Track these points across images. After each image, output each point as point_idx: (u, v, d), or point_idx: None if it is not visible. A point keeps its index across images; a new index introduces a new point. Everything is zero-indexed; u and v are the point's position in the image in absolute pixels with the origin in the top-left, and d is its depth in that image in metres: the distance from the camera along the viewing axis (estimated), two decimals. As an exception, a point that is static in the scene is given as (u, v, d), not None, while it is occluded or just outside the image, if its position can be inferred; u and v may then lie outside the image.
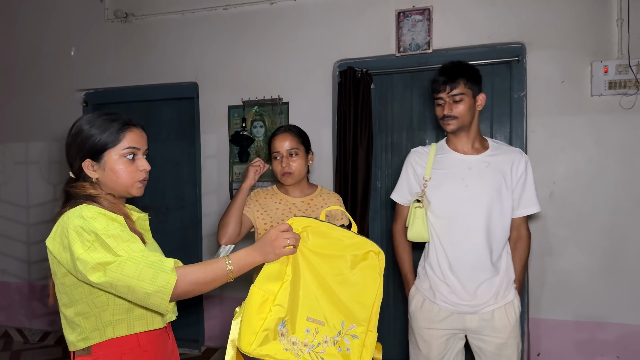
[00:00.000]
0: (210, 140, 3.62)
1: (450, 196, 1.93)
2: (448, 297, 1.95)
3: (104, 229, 1.23)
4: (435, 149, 2.04)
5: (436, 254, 1.98)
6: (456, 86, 1.91)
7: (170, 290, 1.20)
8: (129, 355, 1.32)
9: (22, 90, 4.09)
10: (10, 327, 4.17)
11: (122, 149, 1.36)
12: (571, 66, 2.88)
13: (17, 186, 4.13)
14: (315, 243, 1.39)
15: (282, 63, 3.42)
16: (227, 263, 1.28)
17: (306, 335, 1.34)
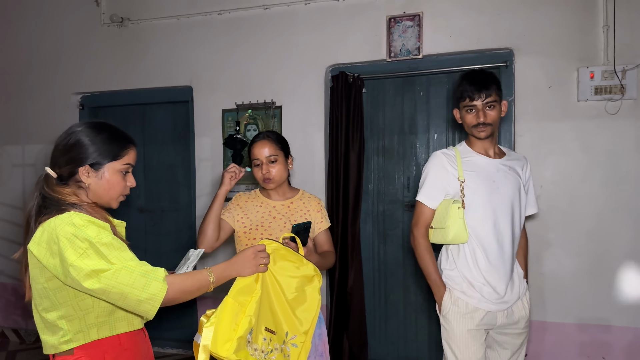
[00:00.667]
0: (205, 144, 3.67)
1: (485, 197, 1.96)
2: (488, 297, 1.97)
3: (97, 237, 1.29)
4: (458, 152, 2.06)
5: (474, 255, 1.98)
6: (490, 93, 1.95)
7: (161, 298, 1.30)
8: (110, 354, 1.37)
9: (19, 94, 4.14)
10: (7, 328, 4.21)
11: (122, 164, 1.45)
12: (558, 72, 2.93)
13: (14, 188, 4.17)
14: (280, 265, 1.64)
15: (275, 67, 3.47)
16: (210, 275, 1.42)
17: (263, 343, 1.57)
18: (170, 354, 3.79)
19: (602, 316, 2.87)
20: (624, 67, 2.79)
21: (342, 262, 3.26)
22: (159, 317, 1.59)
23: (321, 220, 2.14)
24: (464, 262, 2.00)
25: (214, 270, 1.44)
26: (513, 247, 2.02)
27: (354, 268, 3.24)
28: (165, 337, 3.83)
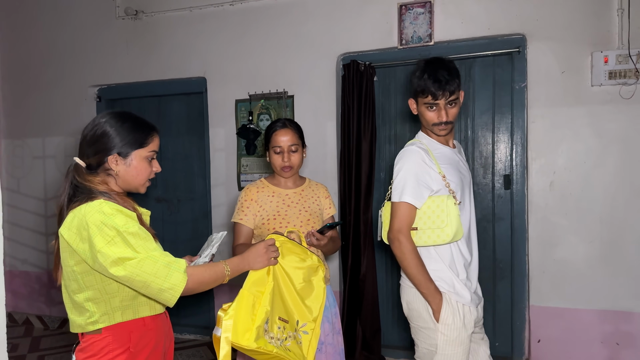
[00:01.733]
0: (219, 134, 3.72)
1: (460, 189, 1.87)
2: (474, 294, 1.88)
3: (125, 226, 1.36)
4: (427, 145, 1.91)
5: (460, 252, 1.86)
6: (454, 91, 1.80)
7: (181, 288, 1.38)
8: (135, 333, 1.46)
9: (38, 87, 4.24)
10: (31, 315, 4.36)
11: (148, 151, 1.53)
12: (571, 56, 2.90)
13: (35, 180, 4.29)
14: (288, 259, 1.72)
15: (287, 57, 3.50)
16: (226, 267, 1.50)
17: (278, 331, 1.64)
18: (188, 339, 3.89)
19: (616, 302, 2.86)
20: (638, 50, 2.75)
21: (355, 250, 3.29)
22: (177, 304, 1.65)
23: (330, 206, 2.20)
24: (450, 258, 1.85)
25: (229, 264, 1.52)
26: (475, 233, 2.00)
27: (366, 255, 3.27)
28: (183, 324, 3.93)
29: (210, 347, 3.74)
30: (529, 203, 3.02)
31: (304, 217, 2.07)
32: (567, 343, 2.96)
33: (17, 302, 4.43)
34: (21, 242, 4.36)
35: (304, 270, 1.76)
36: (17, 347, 3.87)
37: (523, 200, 3.05)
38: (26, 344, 3.93)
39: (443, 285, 1.83)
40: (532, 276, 3.02)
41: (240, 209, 2.10)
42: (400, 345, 3.37)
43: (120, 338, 1.43)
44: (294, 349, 1.66)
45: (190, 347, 3.73)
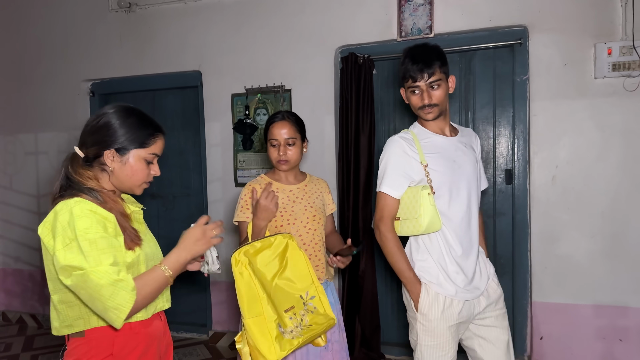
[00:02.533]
0: (215, 129, 3.65)
1: (450, 179, 1.83)
2: (463, 286, 1.83)
3: (84, 231, 1.26)
4: (415, 134, 1.90)
5: (447, 242, 1.84)
6: (433, 72, 1.80)
7: (127, 309, 1.25)
8: (121, 337, 1.37)
9: (30, 82, 4.16)
10: (25, 313, 4.29)
11: (148, 153, 1.44)
12: (574, 48, 2.85)
13: (28, 176, 4.22)
14: (260, 259, 1.72)
15: (284, 50, 3.43)
16: (165, 270, 1.36)
17: (291, 322, 1.68)
18: (185, 337, 3.83)
19: (618, 298, 2.83)
20: (642, 42, 2.70)
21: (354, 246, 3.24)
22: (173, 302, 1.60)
23: (331, 202, 2.17)
24: (438, 250, 1.84)
25: (166, 263, 1.37)
26: (477, 227, 1.93)
27: (365, 251, 3.23)
28: (179, 322, 3.87)
29: (207, 345, 3.68)
30: (531, 198, 2.98)
31: (310, 213, 2.01)
32: (570, 339, 2.92)
33: (10, 300, 4.36)
34: (14, 239, 4.29)
35: (277, 257, 1.75)
36: (10, 346, 3.81)
37: (525, 195, 3.00)
38: (20, 343, 3.87)
39: (425, 275, 1.86)
40: (534, 272, 2.98)
41: (244, 207, 2.01)
42: (400, 342, 3.33)
43: (102, 342, 1.35)
44: (316, 319, 1.72)
45: (187, 346, 3.67)
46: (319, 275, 1.99)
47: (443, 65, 1.83)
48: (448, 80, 1.87)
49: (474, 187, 1.91)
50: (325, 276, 2.04)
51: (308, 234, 1.99)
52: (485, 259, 1.99)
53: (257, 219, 1.87)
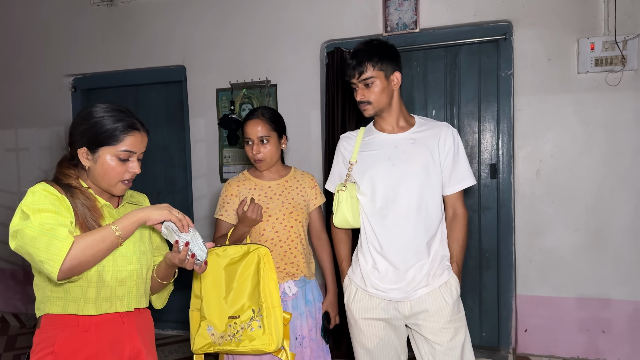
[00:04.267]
0: (199, 124, 3.62)
1: (377, 177, 1.83)
2: (378, 283, 1.83)
3: (32, 202, 1.27)
4: (363, 132, 1.96)
5: (367, 238, 1.88)
6: (364, 70, 1.79)
7: (61, 257, 1.18)
8: (66, 333, 1.33)
9: (10, 77, 4.07)
10: (7, 313, 4.22)
11: (118, 150, 1.38)
12: (558, 43, 2.87)
13: (8, 173, 4.13)
14: (225, 257, 1.83)
15: (269, 45, 3.40)
16: (114, 228, 1.26)
17: (229, 329, 1.77)
18: (170, 335, 3.80)
19: (602, 290, 2.86)
20: (625, 37, 2.73)
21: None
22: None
23: (316, 197, 2.11)
24: (362, 246, 1.90)
25: (117, 222, 1.28)
26: (422, 229, 1.81)
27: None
28: (165, 319, 3.83)
29: (194, 342, 3.65)
30: (515, 192, 3.00)
31: (287, 209, 1.99)
32: (554, 331, 2.96)
33: (-9, 300, 4.28)
34: (-5, 238, 4.21)
35: (236, 264, 1.82)
36: (-9, 346, 3.74)
37: (509, 189, 3.03)
38: (2, 342, 3.80)
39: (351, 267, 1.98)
40: (519, 265, 3.00)
41: (221, 204, 2.03)
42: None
43: (48, 336, 1.33)
44: (255, 335, 1.76)
45: (172, 343, 3.64)
46: (294, 272, 1.98)
47: (380, 62, 1.79)
48: (390, 77, 1.82)
49: (415, 185, 1.81)
50: (304, 274, 2.02)
51: (284, 231, 1.97)
52: (443, 263, 1.86)
53: (243, 225, 1.89)
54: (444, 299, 1.81)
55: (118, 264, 1.39)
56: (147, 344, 1.48)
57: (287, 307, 1.92)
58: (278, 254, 1.94)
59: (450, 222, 1.92)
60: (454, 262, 1.89)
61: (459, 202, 1.91)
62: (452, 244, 1.90)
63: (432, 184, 1.84)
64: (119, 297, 1.40)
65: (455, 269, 1.89)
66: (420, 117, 1.96)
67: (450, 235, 1.91)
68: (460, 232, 1.90)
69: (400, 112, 1.90)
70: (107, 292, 1.38)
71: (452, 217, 1.92)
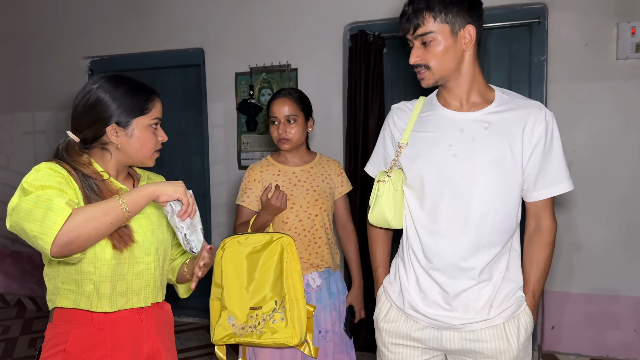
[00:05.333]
0: (217, 109, 3.54)
1: (429, 169, 1.40)
2: (420, 305, 1.44)
3: (34, 179, 1.14)
4: (422, 104, 1.50)
5: (409, 246, 1.47)
6: (420, 23, 1.34)
7: (55, 229, 1.03)
8: (79, 330, 1.24)
9: (27, 60, 4.02)
10: (23, 296, 4.22)
11: (151, 119, 1.32)
12: (596, 28, 2.72)
13: (25, 156, 4.11)
14: (247, 245, 1.77)
15: (290, 27, 3.29)
16: (120, 201, 1.14)
17: (251, 320, 1.72)
18: (186, 322, 3.77)
19: (635, 288, 2.74)
20: (668, 21, 2.57)
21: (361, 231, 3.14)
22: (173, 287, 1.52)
23: (342, 184, 2.03)
24: (403, 255, 1.50)
25: (125, 195, 1.15)
26: (485, 243, 1.38)
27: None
28: (180, 306, 3.80)
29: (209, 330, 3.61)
30: (546, 184, 2.87)
31: (312, 197, 1.91)
32: (583, 329, 2.85)
33: (8, 283, 4.29)
34: (12, 221, 4.20)
35: (265, 253, 1.74)
36: (8, 329, 3.74)
37: (539, 181, 2.90)
38: (18, 326, 3.81)
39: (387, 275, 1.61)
40: (547, 260, 2.89)
41: (243, 190, 1.95)
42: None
43: (60, 332, 1.24)
44: (277, 328, 1.69)
45: (188, 331, 3.61)
46: (318, 263, 1.90)
47: (447, 11, 1.33)
48: (460, 32, 1.35)
49: (480, 187, 1.37)
50: (329, 265, 1.94)
51: (308, 220, 1.89)
52: (516, 295, 1.43)
53: (266, 213, 1.81)
54: (508, 340, 1.39)
55: (135, 255, 1.30)
56: (167, 341, 1.39)
57: (310, 299, 1.85)
58: (302, 244, 1.86)
59: (530, 238, 1.46)
60: (530, 291, 1.45)
61: (546, 213, 1.44)
62: (528, 267, 1.45)
63: (507, 186, 1.38)
64: (136, 292, 1.31)
65: (530, 302, 1.45)
66: (503, 90, 1.48)
67: (529, 256, 1.46)
68: (542, 253, 1.44)
69: (474, 83, 1.42)
70: (123, 287, 1.29)
71: (534, 232, 1.45)
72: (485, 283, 1.39)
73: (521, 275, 1.46)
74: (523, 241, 1.48)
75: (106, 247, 1.24)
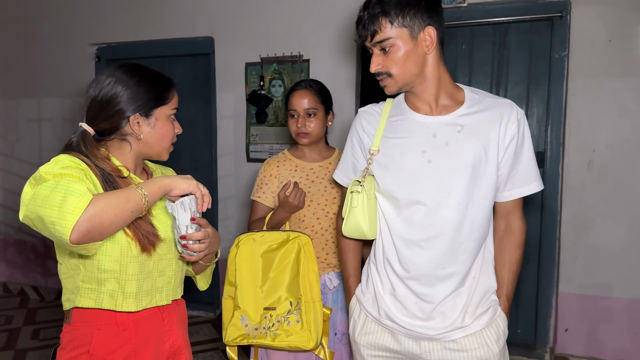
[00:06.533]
0: (227, 100, 3.46)
1: (405, 177, 1.34)
2: (396, 314, 1.37)
3: (54, 167, 1.07)
4: (390, 107, 1.42)
5: (384, 254, 1.40)
6: (377, 29, 1.28)
7: (76, 215, 0.96)
8: (103, 331, 1.18)
9: (33, 45, 3.95)
10: (26, 285, 4.18)
11: (171, 109, 1.29)
12: (621, 23, 2.63)
13: (31, 144, 4.05)
14: (262, 243, 1.70)
15: (303, 17, 3.21)
16: (140, 190, 1.09)
17: (264, 321, 1.65)
18: (191, 315, 3.71)
19: (653, 291, 2.67)
20: (698, 17, 2.48)
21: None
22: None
23: None
24: (377, 263, 1.43)
25: (143, 185, 1.11)
26: (461, 248, 1.33)
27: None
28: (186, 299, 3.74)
29: (214, 324, 3.57)
30: (564, 183, 2.79)
31: (330, 194, 1.83)
32: (598, 333, 2.78)
33: (12, 272, 4.25)
34: (15, 209, 4.14)
35: (274, 252, 1.68)
36: (11, 319, 3.70)
37: (557, 180, 2.82)
38: (21, 316, 3.76)
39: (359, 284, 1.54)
40: (563, 261, 2.82)
41: (259, 185, 1.88)
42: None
43: (82, 334, 1.18)
44: (292, 330, 1.62)
45: (194, 324, 3.56)
46: (336, 263, 1.84)
47: (404, 15, 1.27)
48: (419, 35, 1.29)
49: (456, 192, 1.31)
50: None
51: (326, 218, 1.82)
52: (489, 298, 1.38)
53: (283, 210, 1.74)
54: (489, 347, 1.34)
55: (159, 252, 1.25)
56: (185, 338, 1.37)
57: (327, 300, 1.78)
58: (319, 243, 1.80)
59: (500, 239, 1.41)
60: (503, 294, 1.41)
61: (516, 213, 1.40)
62: (501, 270, 1.41)
63: (482, 190, 1.32)
64: (159, 289, 1.27)
65: (504, 306, 1.41)
66: (472, 89, 1.41)
67: (500, 258, 1.41)
68: (514, 254, 1.40)
69: (441, 85, 1.35)
70: (149, 285, 1.23)
71: (505, 233, 1.41)
72: (460, 290, 1.35)
73: (494, 278, 1.41)
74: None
75: (132, 244, 1.18)
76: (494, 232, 1.43)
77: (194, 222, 1.18)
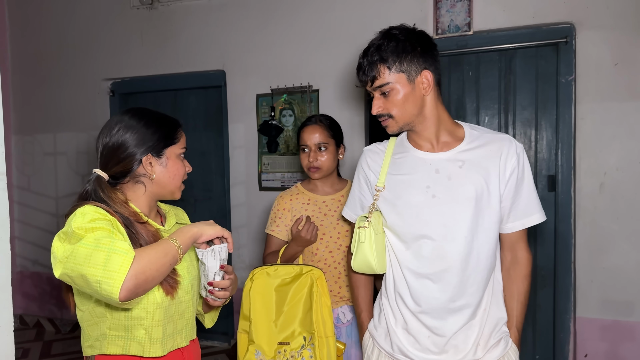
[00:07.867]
0: (238, 130, 3.52)
1: (410, 212, 1.38)
2: (409, 349, 1.40)
3: (84, 222, 1.09)
4: (393, 145, 1.48)
5: (395, 289, 1.44)
6: (377, 75, 1.35)
7: (123, 274, 1.00)
8: None
9: (49, 81, 4.06)
10: (42, 317, 4.20)
11: (180, 148, 1.33)
12: (626, 47, 2.66)
13: (46, 177, 4.13)
14: (275, 277, 1.71)
15: (311, 49, 3.28)
16: (174, 242, 1.15)
17: (278, 356, 1.65)
18: (205, 345, 3.71)
19: (672, 315, 2.63)
20: (703, 40, 2.50)
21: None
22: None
23: None
24: (388, 298, 1.46)
25: (175, 236, 1.17)
26: (469, 281, 1.36)
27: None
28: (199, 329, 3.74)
29: (229, 354, 3.55)
30: (576, 206, 2.79)
31: (342, 227, 1.85)
32: (618, 357, 2.73)
33: (28, 304, 4.28)
34: (32, 241, 4.20)
35: (287, 286, 1.69)
36: (28, 352, 3.72)
37: (569, 204, 2.82)
38: (37, 348, 3.78)
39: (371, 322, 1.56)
40: (579, 285, 2.79)
41: (272, 219, 1.91)
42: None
43: None
44: None
45: (208, 355, 3.55)
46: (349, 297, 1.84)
47: (401, 61, 1.34)
48: (417, 79, 1.35)
49: (461, 225, 1.35)
50: None
51: (339, 251, 1.84)
52: (500, 329, 1.42)
53: (296, 244, 1.78)
54: None
55: (179, 295, 1.27)
56: None
57: (340, 334, 1.78)
58: (332, 276, 1.81)
59: (507, 271, 1.45)
60: (513, 326, 1.44)
61: (521, 244, 1.44)
62: (510, 301, 1.44)
63: (487, 223, 1.37)
64: (179, 331, 1.30)
65: (514, 336, 1.44)
66: (471, 125, 1.47)
67: (509, 289, 1.44)
68: (521, 285, 1.43)
69: (440, 123, 1.40)
70: (171, 328, 1.26)
71: (511, 264, 1.44)
72: (472, 322, 1.38)
73: (504, 309, 1.44)
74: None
75: (155, 290, 1.21)
76: (502, 263, 1.47)
77: (222, 269, 1.24)
